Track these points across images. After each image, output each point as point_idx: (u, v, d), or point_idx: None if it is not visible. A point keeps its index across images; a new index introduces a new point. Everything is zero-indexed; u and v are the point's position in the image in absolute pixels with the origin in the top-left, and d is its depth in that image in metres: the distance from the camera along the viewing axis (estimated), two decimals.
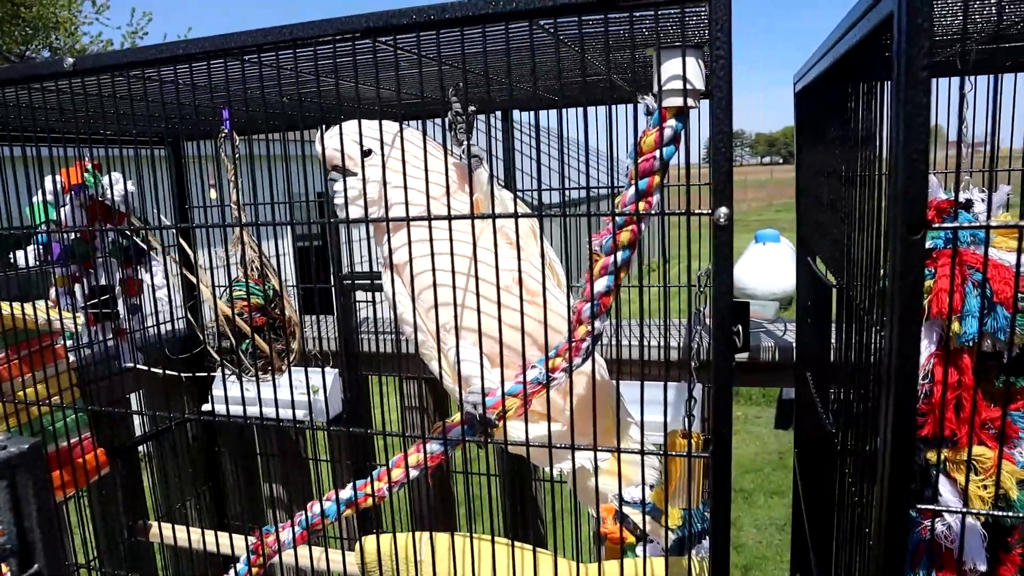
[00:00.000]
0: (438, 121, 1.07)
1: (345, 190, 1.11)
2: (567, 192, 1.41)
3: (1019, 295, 0.77)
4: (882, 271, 0.67)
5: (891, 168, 0.60)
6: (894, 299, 0.59)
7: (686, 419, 1.24)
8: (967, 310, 0.83)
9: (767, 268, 7.53)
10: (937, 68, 1.16)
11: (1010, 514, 0.79)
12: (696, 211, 0.74)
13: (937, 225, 0.62)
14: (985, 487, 0.83)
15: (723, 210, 0.68)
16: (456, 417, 1.18)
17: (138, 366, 1.84)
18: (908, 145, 0.56)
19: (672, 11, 0.72)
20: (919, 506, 0.62)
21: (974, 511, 0.73)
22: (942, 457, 0.84)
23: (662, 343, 1.74)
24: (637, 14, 0.73)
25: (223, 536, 1.54)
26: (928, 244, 0.90)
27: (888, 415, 0.61)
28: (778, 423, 6.16)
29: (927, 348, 0.84)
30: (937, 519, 0.81)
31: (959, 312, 0.76)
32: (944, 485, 0.77)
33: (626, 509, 1.29)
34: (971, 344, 0.83)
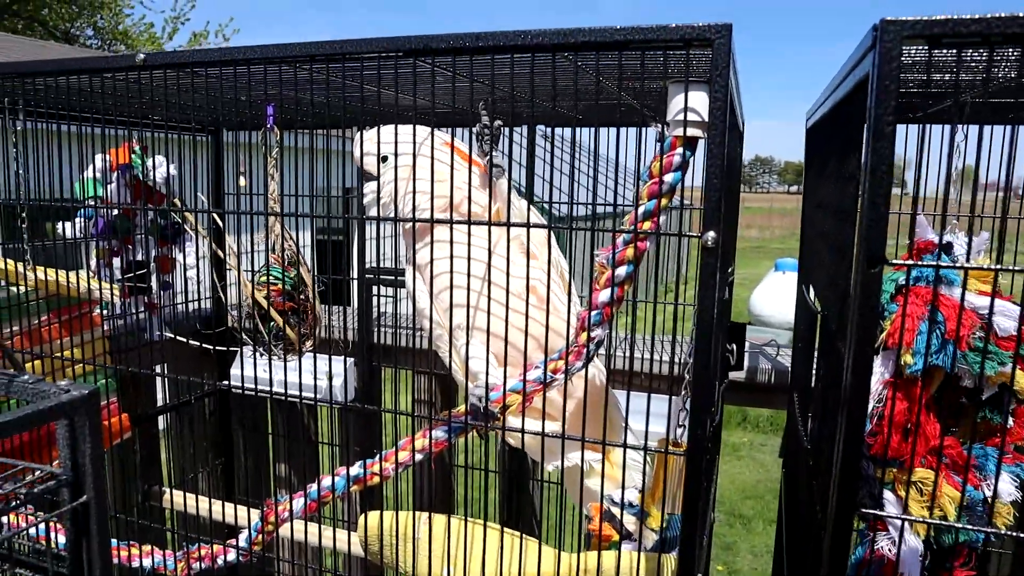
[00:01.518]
0: (469, 130, 1.17)
1: (377, 191, 1.21)
2: (576, 207, 1.49)
3: (974, 335, 0.85)
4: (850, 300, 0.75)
5: (859, 207, 0.68)
6: (852, 324, 0.67)
7: (676, 429, 1.32)
8: (917, 345, 0.91)
9: (784, 296, 7.50)
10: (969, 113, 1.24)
11: (946, 522, 0.86)
12: (688, 233, 0.82)
13: (895, 261, 0.70)
14: (925, 507, 0.91)
15: (711, 234, 0.76)
16: (462, 407, 1.27)
17: (166, 335, 1.95)
18: (872, 188, 0.65)
19: (680, 52, 0.81)
20: (862, 510, 0.69)
21: (912, 518, 0.81)
22: (891, 476, 0.92)
23: (664, 358, 1.82)
24: (649, 53, 0.82)
25: (233, 507, 1.64)
26: (900, 280, 0.98)
27: (842, 426, 0.69)
28: (783, 451, 6.18)
29: (881, 374, 0.93)
30: (882, 534, 0.88)
31: (911, 346, 0.84)
32: (890, 500, 0.84)
33: (614, 509, 1.36)
34: (916, 375, 0.91)
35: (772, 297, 7.87)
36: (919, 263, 0.87)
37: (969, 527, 0.85)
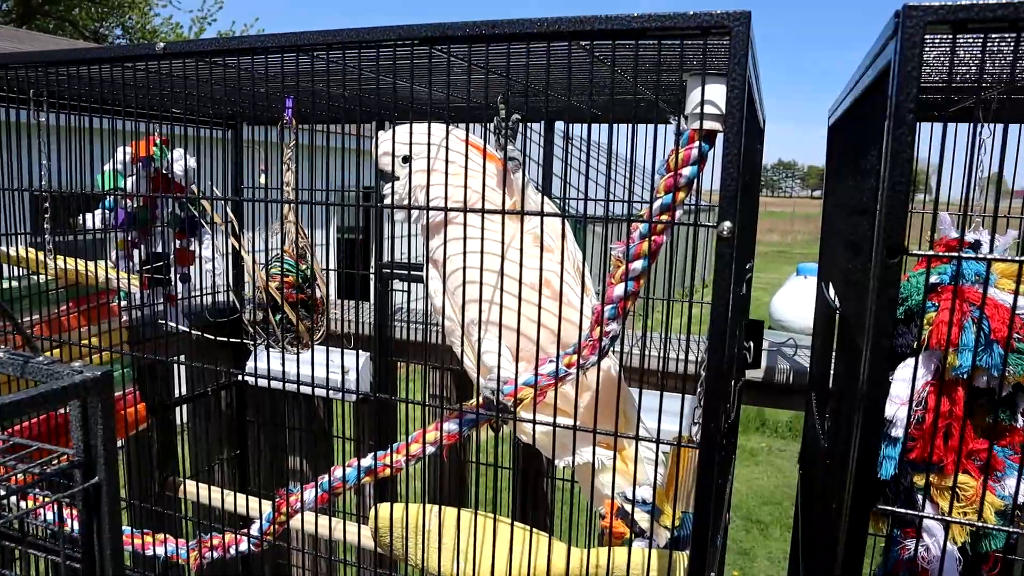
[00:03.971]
0: (483, 124, 1.16)
1: (392, 192, 1.21)
2: (591, 204, 1.48)
3: (1015, 335, 0.83)
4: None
5: (879, 198, 0.66)
6: (869, 316, 0.66)
7: (691, 427, 1.30)
8: (963, 344, 0.89)
9: (805, 301, 7.45)
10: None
11: (990, 525, 0.84)
12: (704, 223, 0.81)
13: (915, 252, 0.68)
14: (965, 513, 0.88)
15: (727, 224, 0.75)
16: (475, 401, 1.27)
17: (182, 328, 1.96)
18: (892, 177, 0.63)
19: (698, 41, 0.80)
20: (878, 507, 0.68)
21: (950, 519, 0.79)
22: (929, 481, 0.89)
23: (680, 356, 1.81)
24: (666, 42, 0.81)
25: (248, 499, 1.64)
26: (934, 279, 0.96)
27: (859, 421, 0.68)
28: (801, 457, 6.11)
29: (923, 376, 0.90)
30: (917, 540, 0.86)
31: (956, 345, 0.82)
32: (927, 508, 0.82)
33: (627, 506, 1.35)
34: (965, 376, 0.88)
35: (793, 302, 7.82)
36: (942, 254, 0.85)
37: (1011, 529, 0.83)
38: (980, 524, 0.86)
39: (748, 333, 1.34)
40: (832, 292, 1.19)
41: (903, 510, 0.77)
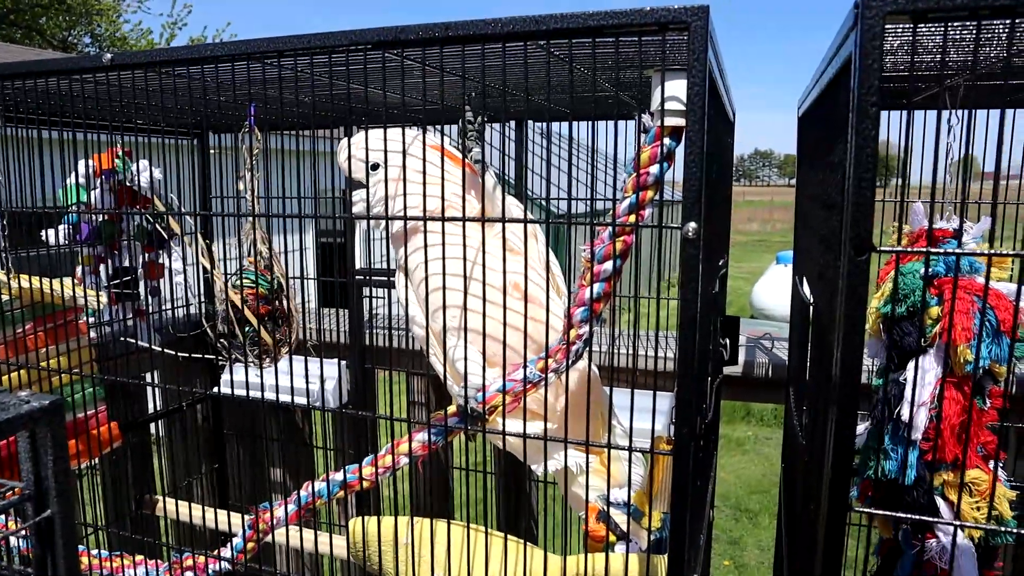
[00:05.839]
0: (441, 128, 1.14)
1: (363, 199, 1.18)
2: (557, 202, 1.46)
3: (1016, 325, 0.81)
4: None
5: (845, 194, 0.65)
6: (839, 315, 0.64)
7: (670, 426, 1.29)
8: (976, 337, 0.87)
9: (786, 289, 7.50)
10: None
11: (1002, 528, 0.83)
12: (668, 224, 0.80)
13: (884, 248, 0.67)
14: (978, 508, 0.87)
15: (691, 225, 0.73)
16: (451, 409, 1.25)
17: (153, 347, 1.92)
18: (858, 172, 0.62)
19: (656, 38, 0.78)
20: (855, 508, 0.67)
21: (917, 518, 0.78)
22: (940, 480, 0.87)
23: (663, 354, 1.79)
24: (624, 39, 0.79)
25: (225, 515, 1.61)
26: (930, 271, 0.94)
27: (832, 420, 0.66)
28: None
29: (936, 374, 0.88)
30: (932, 539, 0.85)
31: (968, 340, 0.80)
32: (941, 506, 0.81)
33: (609, 509, 1.34)
34: (981, 371, 0.87)
35: (774, 290, 7.89)
36: (911, 250, 0.83)
37: None
38: (1000, 528, 0.85)
39: (724, 330, 1.33)
40: (806, 286, 1.17)
41: (870, 510, 0.76)
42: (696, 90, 0.72)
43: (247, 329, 1.52)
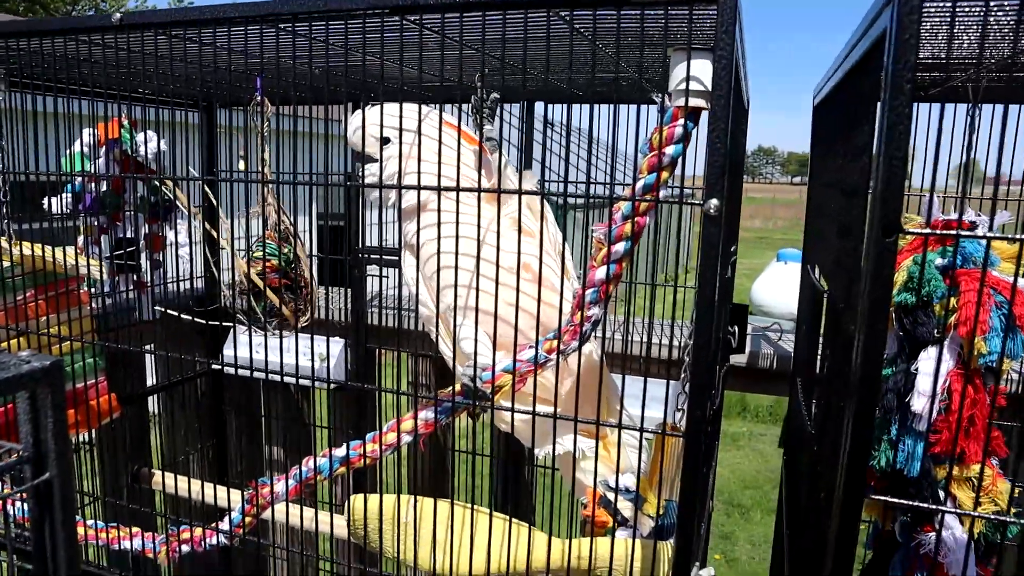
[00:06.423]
0: (458, 104, 1.12)
1: (371, 173, 1.16)
2: (575, 185, 1.44)
3: None
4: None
5: (873, 174, 0.63)
6: (864, 300, 0.63)
7: (675, 413, 1.27)
8: (992, 330, 0.85)
9: (785, 287, 7.48)
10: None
11: (1008, 518, 0.82)
12: (689, 200, 0.78)
13: (909, 230, 0.65)
14: (980, 503, 0.86)
15: (713, 201, 0.71)
16: (453, 389, 1.23)
17: (158, 311, 1.91)
18: (888, 151, 0.60)
19: (683, 11, 0.76)
20: (870, 496, 0.65)
21: (952, 510, 0.76)
22: (944, 473, 0.86)
23: (663, 342, 1.78)
24: (649, 12, 0.77)
25: (223, 490, 1.60)
26: (940, 261, 0.93)
27: (851, 408, 0.65)
28: (783, 441, 6.15)
29: (947, 365, 0.87)
30: (931, 532, 0.84)
31: (984, 332, 0.79)
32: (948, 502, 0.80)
33: (610, 495, 1.32)
34: (992, 364, 0.85)
35: (774, 287, 7.87)
36: (941, 232, 0.81)
37: None
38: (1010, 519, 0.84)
39: (732, 317, 1.31)
40: (819, 274, 1.16)
41: (889, 499, 0.74)
42: (723, 64, 0.70)
43: (264, 301, 1.51)
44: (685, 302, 1.35)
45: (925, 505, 0.77)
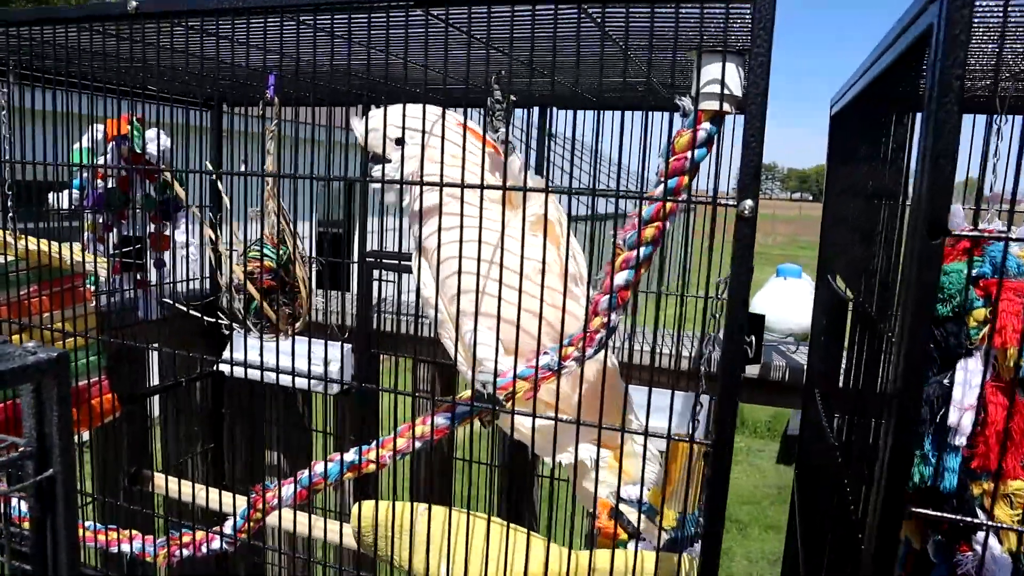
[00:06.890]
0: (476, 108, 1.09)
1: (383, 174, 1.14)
2: (579, 196, 1.41)
3: None
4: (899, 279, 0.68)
5: (917, 175, 0.61)
6: (908, 305, 0.60)
7: (690, 423, 1.25)
8: None
9: (786, 303, 7.47)
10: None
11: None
12: (722, 201, 0.76)
13: (958, 232, 0.63)
14: (1019, 520, 0.83)
15: (748, 202, 0.69)
16: (466, 394, 1.20)
17: (168, 303, 1.88)
18: (936, 149, 0.58)
19: (718, 9, 0.74)
20: (911, 509, 0.63)
21: (998, 525, 0.73)
22: (980, 489, 0.83)
23: (673, 352, 1.76)
24: (683, 10, 0.75)
25: (225, 494, 1.57)
26: (975, 271, 0.90)
27: (890, 418, 0.62)
28: (781, 457, 6.10)
29: (982, 377, 0.84)
30: (968, 552, 0.81)
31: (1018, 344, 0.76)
32: (981, 518, 0.77)
33: (622, 507, 1.30)
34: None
35: (774, 303, 7.83)
36: (990, 235, 0.79)
37: None
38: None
39: (749, 328, 1.29)
40: (840, 283, 1.14)
41: (936, 514, 0.71)
42: (760, 59, 0.68)
43: (254, 304, 1.48)
44: (695, 312, 1.32)
45: (971, 519, 0.74)
